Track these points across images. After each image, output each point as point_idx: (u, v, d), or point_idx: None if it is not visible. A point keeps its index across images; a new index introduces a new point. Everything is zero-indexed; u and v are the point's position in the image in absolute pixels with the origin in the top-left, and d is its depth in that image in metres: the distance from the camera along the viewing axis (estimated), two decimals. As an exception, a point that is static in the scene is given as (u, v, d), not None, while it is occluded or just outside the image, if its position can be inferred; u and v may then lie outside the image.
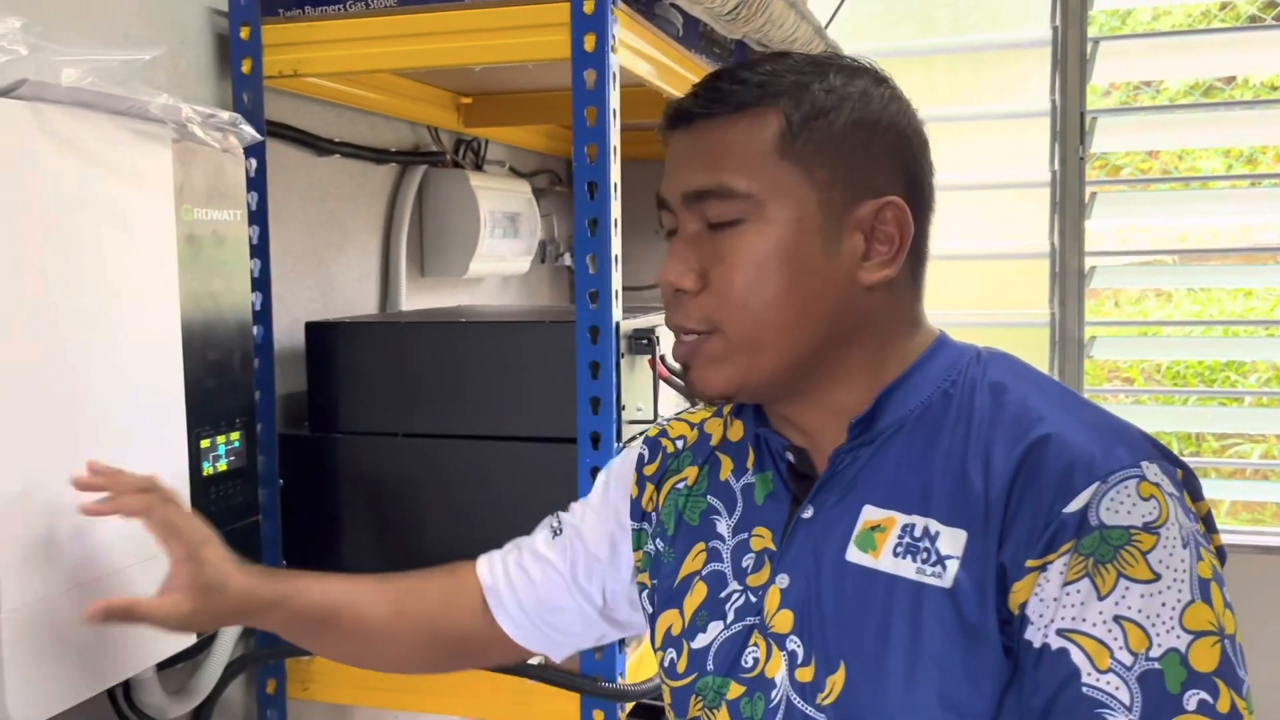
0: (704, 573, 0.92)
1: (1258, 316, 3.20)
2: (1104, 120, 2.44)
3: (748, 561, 0.89)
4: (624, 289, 2.57)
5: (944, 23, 2.45)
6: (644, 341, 1.34)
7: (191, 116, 1.04)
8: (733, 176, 0.82)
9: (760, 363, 0.83)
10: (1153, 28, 3.32)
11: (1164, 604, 0.72)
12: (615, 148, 1.25)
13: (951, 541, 0.78)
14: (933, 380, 0.85)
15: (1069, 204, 2.42)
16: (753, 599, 0.88)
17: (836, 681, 0.81)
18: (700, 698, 0.89)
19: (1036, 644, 0.74)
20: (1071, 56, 2.31)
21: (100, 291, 0.96)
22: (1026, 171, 2.50)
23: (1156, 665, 0.71)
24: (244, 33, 1.33)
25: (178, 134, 1.04)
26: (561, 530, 1.05)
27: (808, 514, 0.86)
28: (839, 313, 0.83)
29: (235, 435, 1.16)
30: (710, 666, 0.89)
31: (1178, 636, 0.71)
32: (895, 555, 0.80)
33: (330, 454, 1.40)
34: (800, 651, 0.83)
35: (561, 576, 1.02)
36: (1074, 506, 0.74)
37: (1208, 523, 0.79)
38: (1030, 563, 0.75)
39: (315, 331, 1.41)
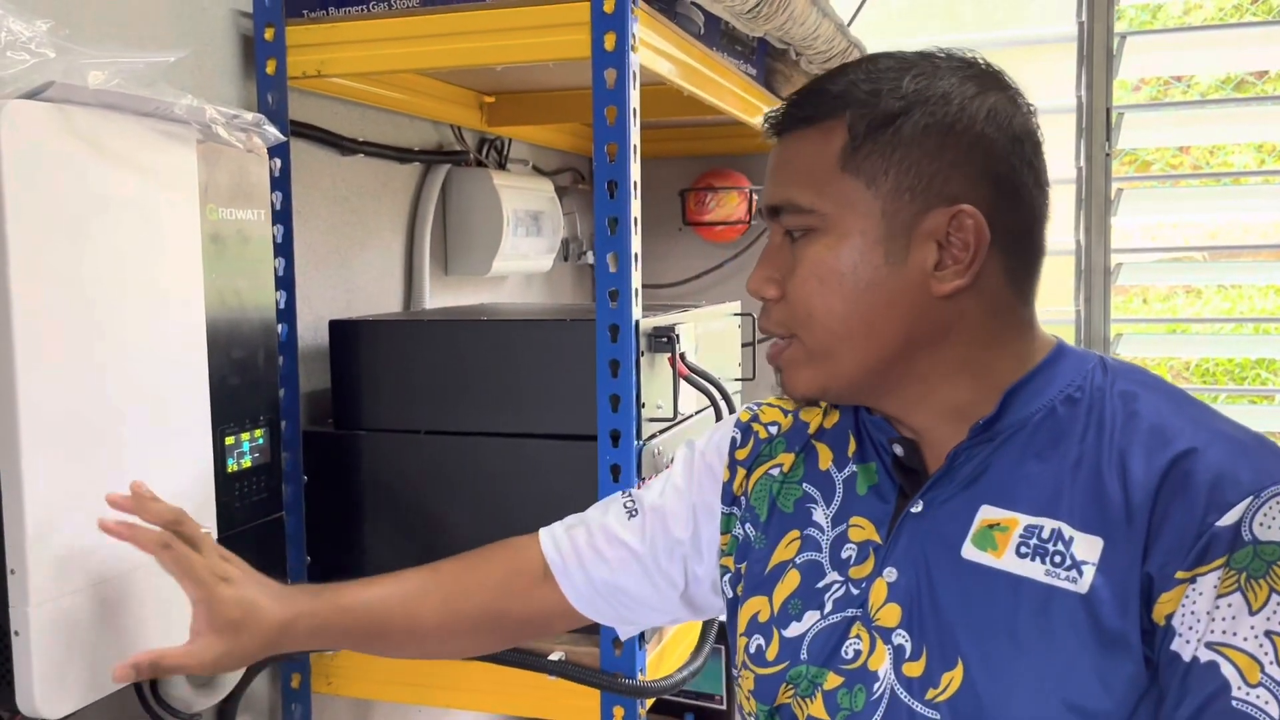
0: (798, 561, 0.92)
1: (1289, 313, 3.16)
2: (1134, 116, 2.41)
3: (849, 553, 0.89)
4: (646, 287, 2.58)
5: (969, 18, 2.44)
6: (664, 339, 1.35)
7: (216, 117, 1.05)
8: (799, 192, 0.84)
9: (838, 369, 0.85)
10: (1184, 21, 3.29)
11: None
12: (635, 146, 1.26)
13: (1087, 547, 0.78)
14: (1056, 384, 0.84)
15: (1094, 200, 2.40)
16: (854, 591, 0.87)
17: (954, 678, 0.80)
18: (792, 686, 0.88)
19: (1185, 656, 0.74)
20: (1098, 52, 2.29)
21: (126, 290, 0.97)
22: (1052, 167, 2.47)
23: None
24: (268, 34, 1.34)
25: (202, 135, 1.05)
26: (638, 511, 1.03)
27: (917, 508, 0.86)
28: (914, 322, 0.83)
29: (259, 432, 1.17)
30: (805, 655, 0.88)
31: None
32: (1020, 556, 0.80)
33: (354, 451, 1.42)
34: (908, 646, 0.83)
35: (638, 560, 1.02)
36: (1228, 520, 0.74)
37: None
38: (1180, 574, 0.75)
39: (339, 329, 1.43)
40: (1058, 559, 0.79)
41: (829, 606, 0.88)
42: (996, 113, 0.82)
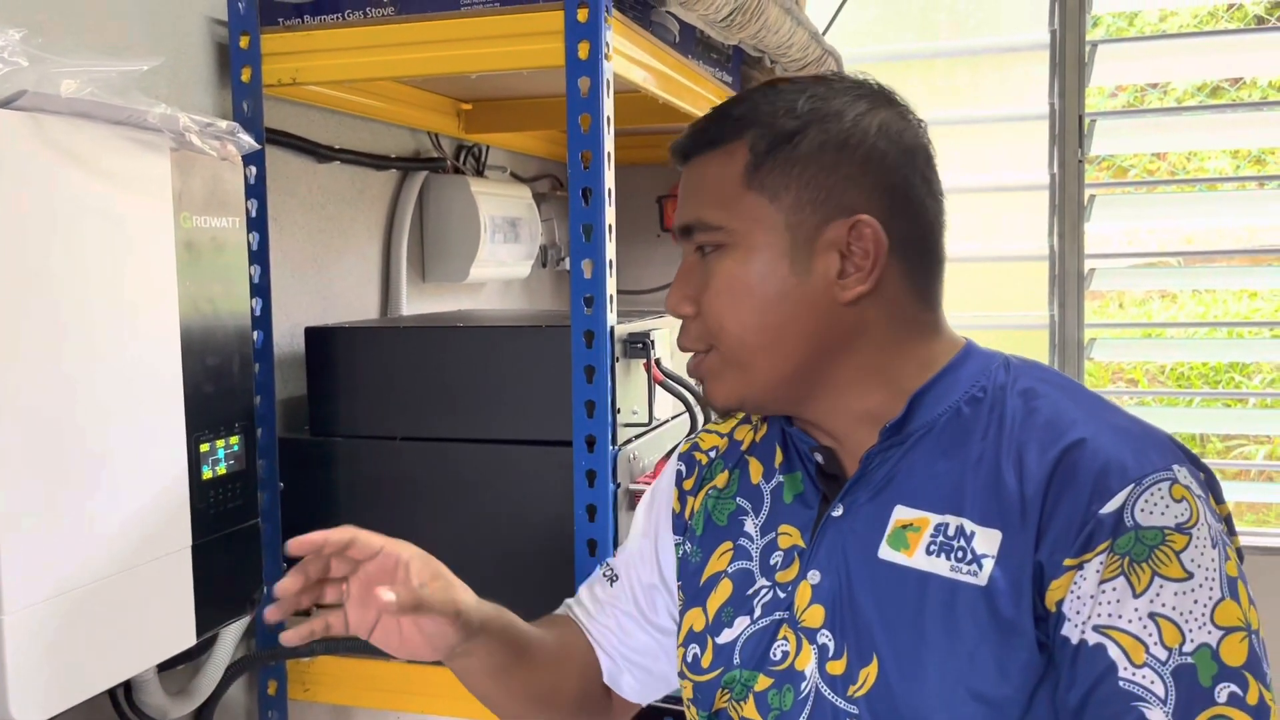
0: (730, 571, 0.95)
1: (1263, 318, 3.20)
2: (1111, 122, 2.44)
3: (776, 559, 0.92)
4: (624, 293, 2.58)
5: (944, 26, 2.46)
6: (639, 345, 1.36)
7: (189, 125, 1.05)
8: (707, 211, 0.88)
9: (753, 378, 0.88)
10: (1160, 29, 3.33)
11: (1196, 601, 0.75)
12: (609, 154, 1.27)
13: (986, 541, 0.81)
14: (961, 385, 0.88)
15: (1068, 206, 2.43)
16: (781, 594, 0.90)
17: (870, 673, 0.83)
18: (727, 691, 0.91)
19: (1074, 640, 0.77)
20: (1070, 60, 2.32)
21: (99, 298, 0.98)
22: (1026, 174, 2.50)
23: (1190, 660, 0.74)
24: (243, 42, 1.34)
25: (176, 143, 1.06)
26: (616, 575, 1.08)
27: (838, 512, 0.89)
28: (822, 330, 0.86)
29: (235, 439, 1.18)
30: (737, 660, 0.91)
31: (1209, 632, 0.75)
32: (929, 554, 0.83)
33: (330, 457, 1.42)
34: (831, 645, 0.86)
35: (633, 619, 1.05)
36: (1110, 507, 0.77)
37: (1229, 524, 0.82)
38: (1068, 561, 0.78)
39: (314, 336, 1.43)
40: (960, 554, 0.82)
41: (758, 611, 0.91)
42: (887, 127, 0.87)
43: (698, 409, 1.41)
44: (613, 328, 1.28)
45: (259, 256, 1.36)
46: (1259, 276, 2.69)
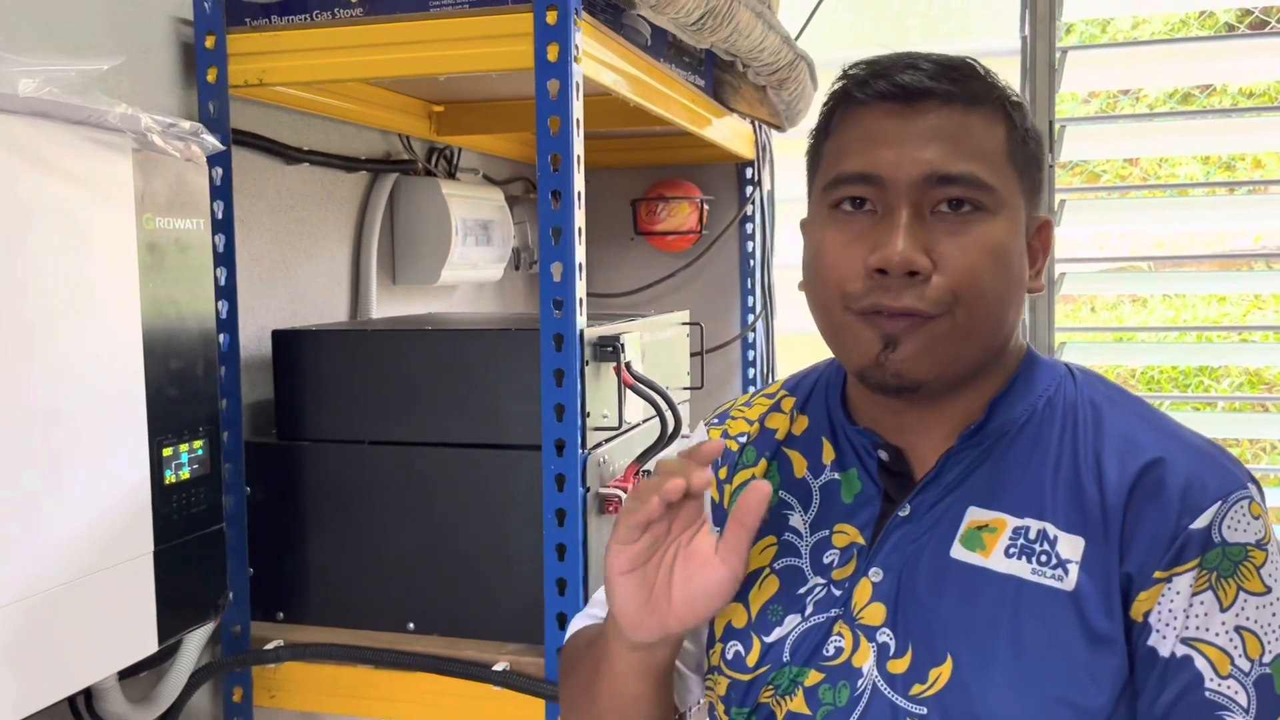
0: (776, 567, 0.92)
1: (1230, 322, 3.23)
2: (1083, 128, 2.45)
3: (830, 558, 0.90)
4: (598, 295, 2.59)
5: (916, 31, 2.47)
6: (609, 349, 1.35)
7: (151, 126, 1.04)
8: (981, 167, 0.82)
9: (966, 354, 0.84)
10: (1133, 36, 3.35)
11: (1274, 614, 0.78)
12: (579, 157, 1.26)
13: (1070, 547, 0.82)
14: (1034, 391, 0.88)
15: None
16: (836, 592, 0.89)
17: (943, 673, 0.82)
18: (772, 687, 0.89)
19: (1162, 652, 0.79)
20: (1040, 66, 2.33)
21: (57, 300, 0.96)
22: (999, 179, 2.51)
23: (1268, 670, 0.77)
24: (209, 42, 1.33)
25: (138, 143, 1.05)
26: None
27: (905, 512, 0.88)
28: (1017, 315, 0.87)
29: (199, 443, 1.16)
30: (787, 658, 0.89)
31: None
32: (1008, 556, 0.83)
33: (297, 462, 1.41)
34: (893, 644, 0.85)
35: None
36: (1200, 523, 0.79)
37: None
38: (1158, 574, 0.79)
39: (281, 339, 1.42)
40: (1044, 558, 0.82)
41: (810, 609, 0.89)
42: None
43: (668, 413, 1.40)
44: (582, 331, 1.27)
45: (225, 259, 1.35)
46: (1227, 281, 2.72)
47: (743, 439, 1.00)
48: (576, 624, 1.06)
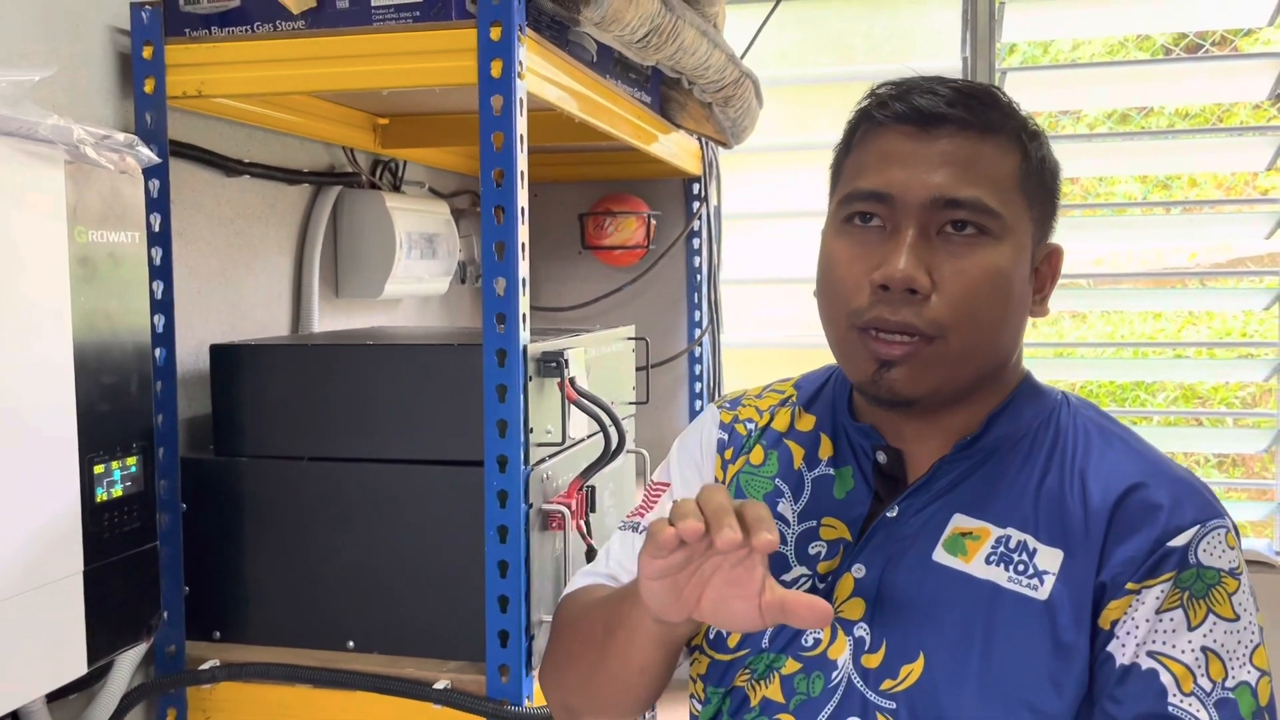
0: None
1: (1165, 338, 3.30)
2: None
3: (816, 549, 0.93)
4: (545, 309, 2.58)
5: (860, 51, 2.50)
6: (553, 364, 1.35)
7: (84, 138, 1.03)
8: (987, 194, 0.85)
9: (960, 375, 0.87)
10: (1073, 58, 3.42)
11: (1240, 642, 0.81)
12: (522, 172, 1.26)
13: (1049, 559, 0.85)
14: (1030, 411, 0.92)
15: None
16: (819, 584, 0.92)
17: (914, 670, 0.85)
18: (748, 670, 0.92)
19: (1124, 660, 0.81)
20: (980, 86, 2.37)
21: (-16, 315, 0.94)
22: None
23: (1231, 695, 0.80)
24: (146, 52, 1.31)
25: (70, 155, 1.03)
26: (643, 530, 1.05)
27: (893, 513, 0.91)
28: (1015, 338, 0.90)
29: (132, 460, 1.14)
30: (766, 643, 0.92)
31: (1249, 671, 0.81)
32: (988, 563, 0.86)
33: (235, 478, 1.39)
34: (868, 639, 0.88)
35: None
36: (1178, 542, 0.82)
37: None
38: (1131, 585, 0.82)
39: (219, 353, 1.40)
40: (1021, 567, 0.85)
41: None
42: None
43: (612, 428, 1.40)
44: (525, 346, 1.27)
45: (161, 272, 1.33)
46: (1163, 298, 2.78)
47: (751, 425, 1.04)
48: (578, 581, 1.07)
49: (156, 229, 1.32)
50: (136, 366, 1.14)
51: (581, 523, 1.41)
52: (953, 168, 0.85)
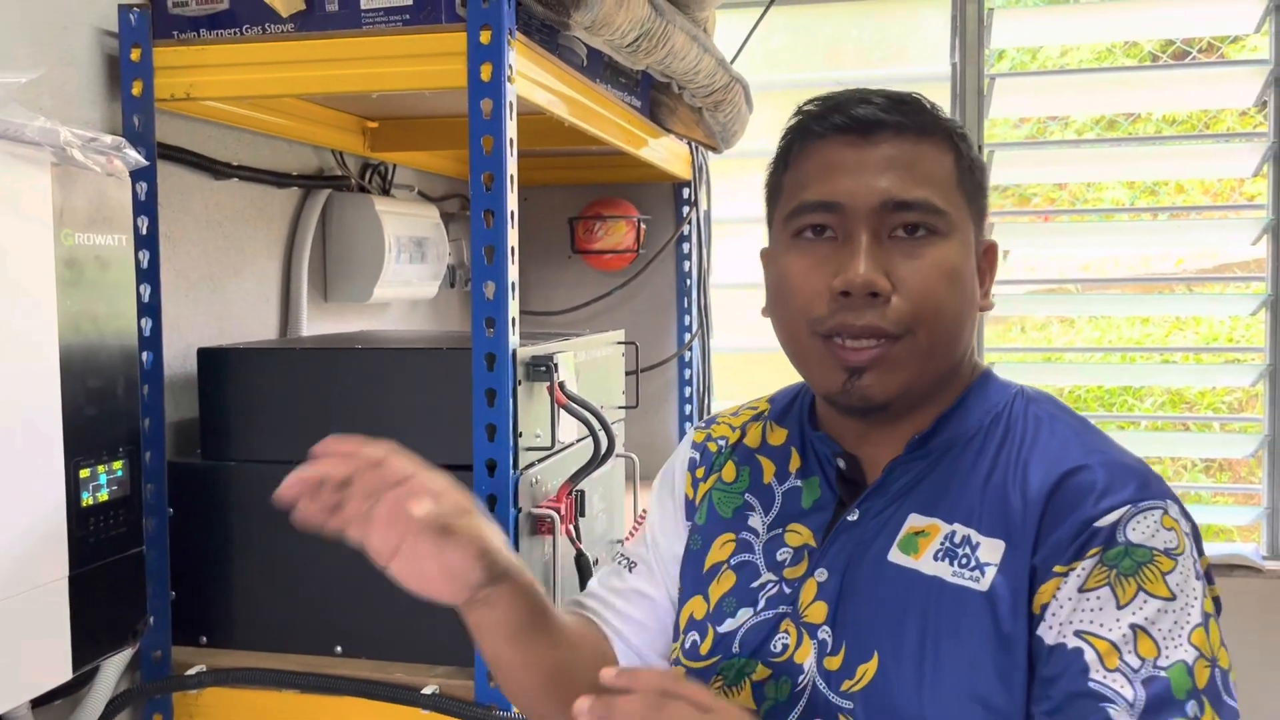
0: (733, 562, 0.97)
1: (1153, 343, 3.31)
2: (1012, 153, 2.51)
3: (783, 555, 0.95)
4: (535, 314, 2.58)
5: (850, 56, 2.50)
6: (543, 368, 1.35)
7: (71, 140, 1.02)
8: (933, 193, 0.87)
9: (928, 372, 0.89)
10: (1061, 64, 3.43)
11: (1176, 622, 0.79)
12: (512, 176, 1.26)
13: (991, 550, 0.85)
14: (984, 407, 0.92)
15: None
16: (787, 590, 0.93)
17: (868, 670, 0.86)
18: (721, 677, 0.93)
19: (1050, 641, 0.81)
20: (969, 92, 2.38)
21: (-31, 318, 0.94)
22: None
23: (1164, 674, 0.78)
24: (134, 54, 1.31)
25: (57, 158, 1.02)
26: (634, 561, 1.08)
27: (853, 516, 0.92)
28: (971, 333, 0.91)
29: (118, 464, 1.13)
30: (736, 649, 0.93)
31: (1186, 651, 0.79)
32: (936, 559, 0.87)
33: (222, 482, 1.38)
34: (830, 641, 0.89)
35: (658, 600, 1.05)
36: (1105, 521, 0.81)
37: (1208, 576, 0.86)
38: (1058, 568, 0.82)
39: (207, 357, 1.39)
40: (964, 560, 0.85)
41: (762, 604, 0.94)
42: None
43: (602, 433, 1.40)
44: (514, 350, 1.27)
45: (149, 275, 1.32)
46: (1150, 304, 2.79)
47: (723, 442, 1.06)
48: (572, 605, 1.10)
49: (144, 232, 1.31)
50: (123, 370, 1.14)
51: (571, 527, 1.41)
52: (897, 171, 0.87)
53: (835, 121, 0.88)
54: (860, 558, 0.90)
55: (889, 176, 0.86)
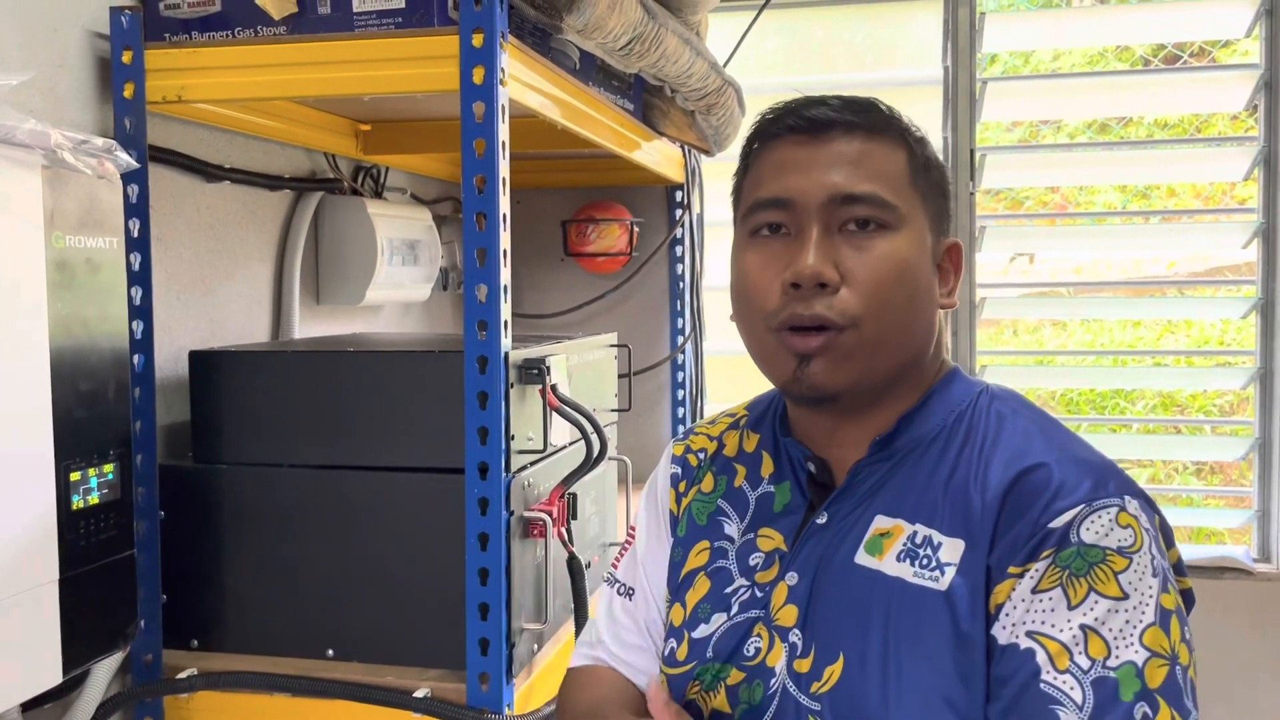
0: (708, 569, 0.98)
1: (1145, 346, 3.32)
2: (1005, 156, 2.51)
3: (755, 560, 0.95)
4: (528, 317, 2.58)
5: (842, 60, 2.51)
6: (535, 371, 1.35)
7: (62, 142, 1.02)
8: (883, 188, 0.89)
9: (878, 364, 0.89)
10: (1054, 68, 3.44)
11: (1128, 621, 0.79)
12: (504, 179, 1.26)
13: (951, 550, 0.85)
14: (948, 406, 0.93)
15: (960, 237, 2.49)
16: (759, 594, 0.94)
17: (834, 671, 0.86)
18: (698, 682, 0.94)
19: (1002, 641, 0.81)
20: (961, 96, 2.39)
21: (-41, 321, 0.93)
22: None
23: (1113, 674, 0.78)
24: (126, 57, 1.31)
25: (47, 160, 1.02)
26: (631, 588, 1.08)
27: (822, 520, 0.93)
28: (929, 330, 0.92)
29: (109, 467, 1.13)
30: (710, 654, 0.94)
31: (1136, 651, 0.78)
32: (898, 560, 0.87)
33: (214, 485, 1.38)
34: (800, 644, 0.89)
35: (657, 627, 1.05)
36: (1058, 522, 0.81)
37: (1177, 568, 0.86)
38: (1013, 569, 0.82)
39: (198, 360, 1.39)
40: (925, 560, 0.86)
41: (735, 608, 0.95)
42: None
43: (594, 435, 1.40)
44: (507, 353, 1.27)
45: (140, 278, 1.32)
46: (1142, 307, 2.80)
47: (702, 454, 1.06)
48: (578, 657, 1.10)
49: (135, 234, 1.31)
50: (114, 373, 1.13)
51: (563, 530, 1.41)
52: (846, 166, 0.89)
53: (789, 123, 0.91)
54: (829, 560, 0.90)
55: (838, 171, 0.89)
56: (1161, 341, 3.40)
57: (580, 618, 1.43)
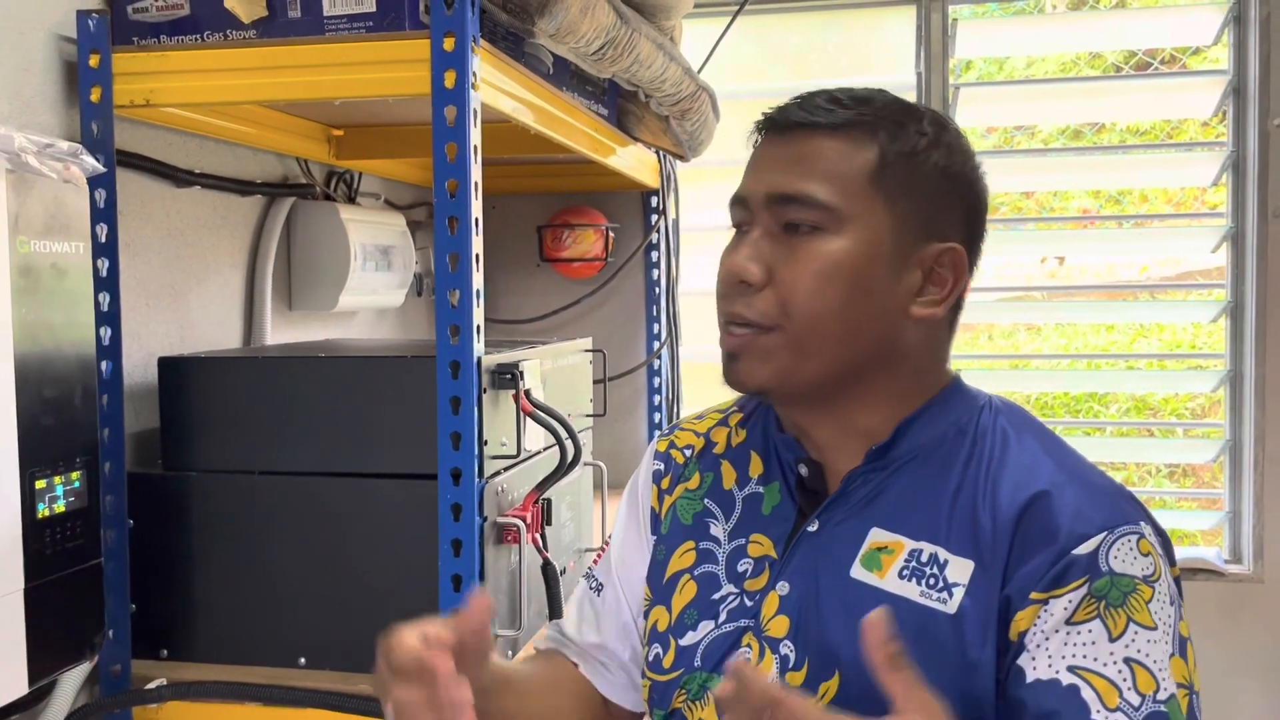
0: (695, 572, 0.96)
1: (1118, 350, 3.35)
2: (982, 161, 2.52)
3: (745, 566, 0.94)
4: (503, 322, 2.57)
5: (816, 65, 2.52)
6: (508, 376, 1.34)
7: (26, 146, 1.01)
8: (819, 187, 0.87)
9: (806, 367, 0.87)
10: (1027, 74, 3.47)
11: (1164, 652, 0.79)
12: (477, 183, 1.25)
13: (959, 570, 0.84)
14: (948, 418, 0.91)
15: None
16: (748, 602, 0.92)
17: (830, 687, 0.85)
18: (684, 691, 0.93)
19: (1040, 675, 0.79)
20: (934, 101, 2.40)
21: (-80, 327, 0.92)
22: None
23: (1163, 708, 0.77)
24: (93, 60, 1.29)
25: (11, 164, 1.01)
26: (601, 583, 1.07)
27: (813, 528, 0.91)
28: (884, 338, 0.88)
29: (75, 475, 1.12)
30: (698, 662, 0.92)
31: (1171, 682, 0.78)
32: (901, 578, 0.85)
33: (183, 493, 1.36)
34: (793, 656, 0.88)
35: (630, 623, 1.05)
36: (1084, 549, 0.80)
37: (1178, 587, 0.86)
38: (1035, 595, 0.81)
39: (167, 366, 1.38)
40: (932, 581, 0.84)
41: (723, 616, 0.93)
42: (980, 173, 0.93)
43: (568, 441, 1.40)
44: (479, 359, 1.26)
45: (108, 283, 1.30)
46: (1115, 311, 2.82)
47: (688, 451, 1.05)
48: (547, 640, 1.12)
49: (103, 240, 1.30)
50: (80, 379, 1.12)
51: (537, 536, 1.40)
52: (790, 165, 0.88)
53: (763, 120, 0.93)
54: (822, 571, 0.89)
55: (780, 171, 0.88)
56: (1134, 345, 3.43)
57: (555, 624, 1.42)
